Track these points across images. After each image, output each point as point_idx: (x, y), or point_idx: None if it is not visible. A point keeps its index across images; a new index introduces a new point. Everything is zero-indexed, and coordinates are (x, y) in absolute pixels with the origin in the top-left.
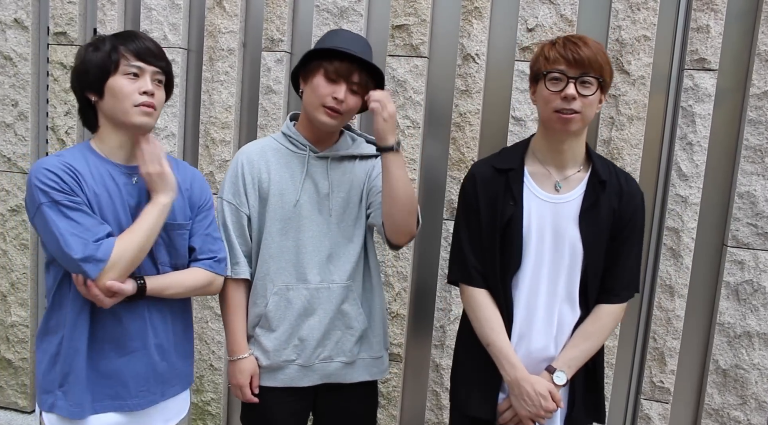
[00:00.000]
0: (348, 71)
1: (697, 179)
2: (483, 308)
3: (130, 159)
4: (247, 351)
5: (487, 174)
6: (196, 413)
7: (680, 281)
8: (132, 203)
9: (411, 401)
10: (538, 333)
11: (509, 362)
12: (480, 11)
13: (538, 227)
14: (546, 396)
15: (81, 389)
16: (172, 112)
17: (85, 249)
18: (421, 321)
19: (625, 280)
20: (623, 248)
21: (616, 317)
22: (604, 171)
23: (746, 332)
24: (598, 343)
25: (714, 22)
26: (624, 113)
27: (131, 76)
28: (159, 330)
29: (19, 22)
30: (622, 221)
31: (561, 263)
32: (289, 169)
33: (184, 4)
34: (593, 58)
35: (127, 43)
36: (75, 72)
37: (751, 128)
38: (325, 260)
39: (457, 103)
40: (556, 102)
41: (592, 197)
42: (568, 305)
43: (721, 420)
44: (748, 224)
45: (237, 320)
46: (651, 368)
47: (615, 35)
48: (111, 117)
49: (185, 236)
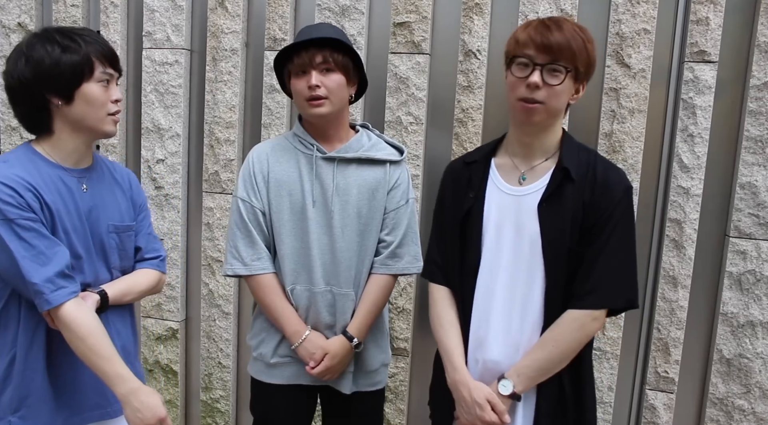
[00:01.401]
0: (309, 59)
1: (699, 170)
2: (437, 305)
3: (80, 162)
4: (307, 327)
5: (456, 168)
6: (205, 410)
7: (683, 272)
8: (85, 209)
9: (418, 395)
10: (495, 340)
11: (452, 363)
12: (481, 7)
13: (497, 222)
14: (483, 405)
15: (48, 410)
16: (176, 112)
17: (40, 277)
18: (427, 316)
19: (593, 282)
20: (595, 248)
21: (580, 326)
22: (574, 159)
23: (749, 321)
24: (555, 353)
25: (713, 14)
26: (625, 106)
27: (104, 84)
28: (122, 332)
29: (22, 26)
30: (595, 214)
31: (520, 262)
32: (298, 169)
33: (187, 5)
34: (564, 44)
35: (97, 46)
36: (36, 70)
37: (751, 119)
38: (330, 264)
39: (460, 99)
40: (521, 89)
41: (554, 187)
42: (529, 311)
43: (725, 409)
44: (750, 215)
45: (284, 304)
46: (655, 358)
47: (615, 29)
48: (77, 123)
49: (132, 236)
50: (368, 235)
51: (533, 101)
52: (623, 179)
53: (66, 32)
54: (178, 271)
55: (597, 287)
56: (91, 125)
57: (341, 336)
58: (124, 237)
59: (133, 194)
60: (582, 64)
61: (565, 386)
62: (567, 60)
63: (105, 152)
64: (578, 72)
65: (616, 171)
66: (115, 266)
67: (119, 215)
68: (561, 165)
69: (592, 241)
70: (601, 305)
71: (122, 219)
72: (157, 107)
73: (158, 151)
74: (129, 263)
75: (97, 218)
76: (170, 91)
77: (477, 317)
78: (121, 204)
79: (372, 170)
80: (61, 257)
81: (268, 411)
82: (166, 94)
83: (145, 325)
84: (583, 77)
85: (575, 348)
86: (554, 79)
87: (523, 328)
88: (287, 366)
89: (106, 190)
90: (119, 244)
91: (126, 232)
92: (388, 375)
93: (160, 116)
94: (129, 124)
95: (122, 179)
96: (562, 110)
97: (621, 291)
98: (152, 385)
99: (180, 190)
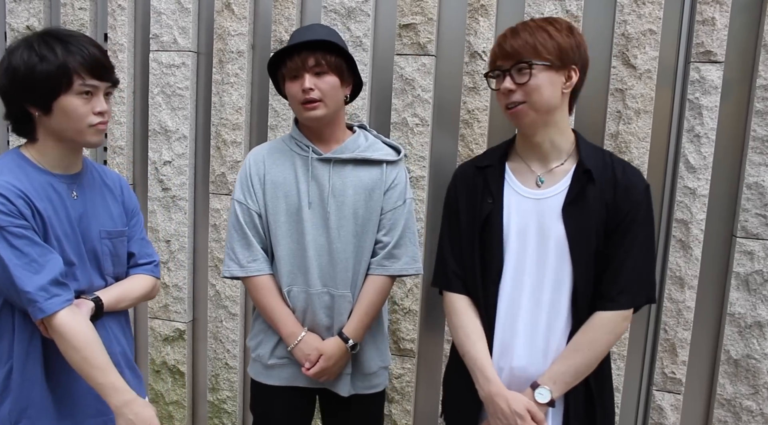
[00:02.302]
0: (301, 62)
1: (705, 170)
2: (459, 314)
3: (69, 168)
4: (303, 329)
5: (468, 173)
6: (212, 411)
7: (690, 273)
8: (76, 216)
9: (424, 395)
10: (522, 347)
11: (483, 375)
12: (486, 9)
13: (520, 226)
14: (523, 416)
15: (48, 419)
16: (183, 114)
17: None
18: (433, 317)
19: (622, 283)
20: (621, 247)
21: (613, 327)
22: (592, 160)
23: (757, 322)
24: (591, 357)
25: (719, 14)
26: (631, 107)
27: (84, 95)
28: (120, 338)
29: (31, 30)
30: (618, 215)
31: (546, 266)
32: (294, 170)
33: (193, 7)
34: (521, 44)
35: (78, 56)
36: (12, 79)
37: (758, 119)
38: (326, 265)
39: (465, 100)
40: (502, 99)
41: (577, 189)
42: (557, 315)
43: (733, 410)
44: (757, 215)
45: (279, 306)
46: (662, 359)
47: (621, 30)
48: (58, 134)
49: (125, 242)
50: (365, 236)
51: (515, 105)
52: (642, 178)
53: (49, 39)
54: (185, 272)
55: (627, 288)
56: (70, 136)
57: (336, 338)
58: (116, 243)
59: (125, 199)
60: (551, 53)
61: (592, 387)
62: (530, 56)
63: (112, 153)
64: (552, 62)
65: (634, 171)
66: (109, 272)
67: (111, 220)
68: (583, 167)
69: (618, 241)
70: (632, 304)
71: (114, 225)
72: (164, 109)
73: (165, 153)
74: (122, 270)
75: (88, 225)
76: (177, 94)
77: (502, 323)
78: (113, 210)
79: (368, 171)
80: (54, 264)
81: (266, 412)
82: (173, 97)
83: (152, 326)
84: (565, 64)
85: (607, 349)
86: (523, 77)
87: (550, 333)
88: (285, 368)
89: (97, 196)
90: (112, 250)
91: (118, 238)
92: (395, 376)
93: (167, 117)
94: (136, 126)
95: (113, 184)
96: (552, 103)
97: (645, 289)
98: (159, 386)
99: (187, 191)
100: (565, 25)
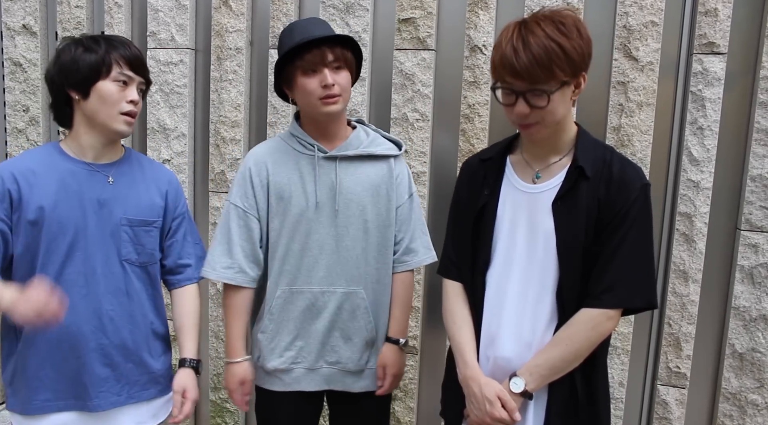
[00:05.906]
0: (320, 56)
1: (709, 163)
2: (450, 300)
3: (99, 158)
4: (241, 356)
5: (473, 165)
6: (214, 410)
7: (694, 266)
8: (97, 197)
9: (428, 392)
10: (507, 338)
11: (463, 359)
12: (486, 2)
13: (512, 219)
14: (492, 401)
15: (35, 387)
16: (182, 112)
17: None
18: (436, 313)
19: (607, 281)
20: (609, 245)
21: (595, 325)
22: (589, 157)
23: (762, 315)
24: (568, 352)
25: (722, 5)
26: (633, 100)
27: (120, 84)
28: (122, 329)
29: (27, 28)
30: (611, 212)
31: (534, 260)
32: (298, 171)
33: (191, 4)
34: (535, 66)
35: (120, 50)
36: (60, 67)
37: (762, 111)
38: (333, 264)
39: (466, 94)
40: (513, 115)
41: (569, 185)
42: (542, 309)
43: (738, 403)
44: (761, 207)
45: (235, 324)
46: (667, 353)
47: (622, 22)
48: (91, 118)
49: (153, 233)
50: (374, 231)
51: (528, 125)
52: (640, 176)
53: (96, 38)
54: None
55: (613, 286)
56: (102, 120)
57: (387, 344)
58: (138, 232)
59: (169, 198)
60: (566, 72)
61: (577, 385)
62: (546, 79)
63: None
64: (568, 80)
65: (633, 168)
66: (130, 259)
67: (136, 209)
68: (576, 163)
69: (608, 239)
70: (617, 304)
71: (139, 214)
72: (163, 106)
73: (164, 151)
74: (149, 260)
75: (111, 209)
76: (175, 91)
77: (489, 314)
78: (143, 199)
79: (373, 166)
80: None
81: (269, 418)
82: (171, 94)
83: None
84: (576, 75)
85: (589, 347)
86: (541, 102)
87: (535, 326)
88: (287, 373)
89: (130, 184)
90: (132, 237)
91: (141, 227)
92: None
93: (166, 115)
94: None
95: (158, 179)
96: (564, 114)
97: (638, 291)
98: None
99: (186, 190)
100: (573, 26)
